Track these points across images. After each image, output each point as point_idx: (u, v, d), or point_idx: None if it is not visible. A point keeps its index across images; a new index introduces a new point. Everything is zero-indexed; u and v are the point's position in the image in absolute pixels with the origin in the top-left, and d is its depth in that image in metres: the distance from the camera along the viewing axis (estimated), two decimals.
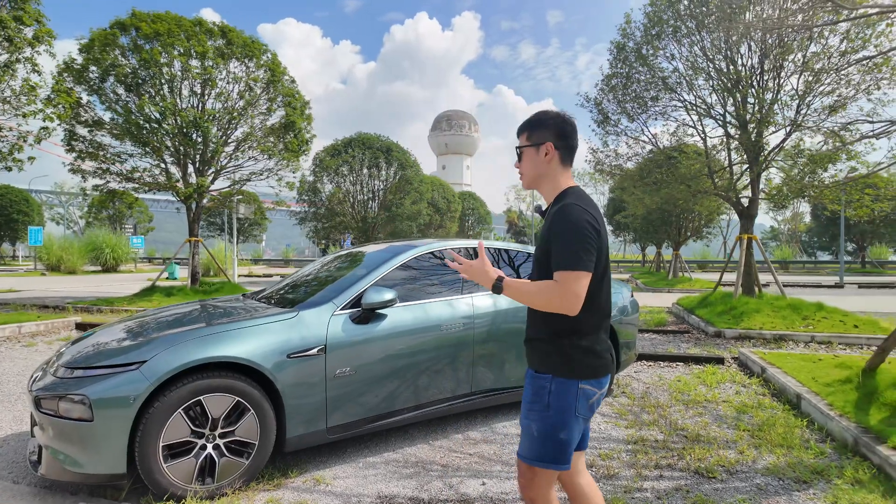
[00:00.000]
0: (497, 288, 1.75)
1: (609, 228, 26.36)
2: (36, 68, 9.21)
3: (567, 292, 1.63)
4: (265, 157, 13.19)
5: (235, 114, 12.26)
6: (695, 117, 10.13)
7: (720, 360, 6.23)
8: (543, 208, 1.92)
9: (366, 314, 3.36)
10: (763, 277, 11.55)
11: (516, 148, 1.94)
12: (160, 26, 11.07)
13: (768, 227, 52.26)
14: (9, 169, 9.59)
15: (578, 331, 1.74)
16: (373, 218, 21.29)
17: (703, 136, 10.31)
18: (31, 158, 9.71)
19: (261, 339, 2.99)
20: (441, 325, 3.65)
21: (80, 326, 8.64)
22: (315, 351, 3.10)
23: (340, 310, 3.32)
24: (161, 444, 2.65)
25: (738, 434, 3.81)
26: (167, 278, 20.60)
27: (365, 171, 21.02)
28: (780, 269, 33.04)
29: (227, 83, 12.23)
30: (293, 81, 13.23)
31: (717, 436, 3.77)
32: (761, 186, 9.67)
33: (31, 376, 3.06)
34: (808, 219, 42.67)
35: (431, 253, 4.03)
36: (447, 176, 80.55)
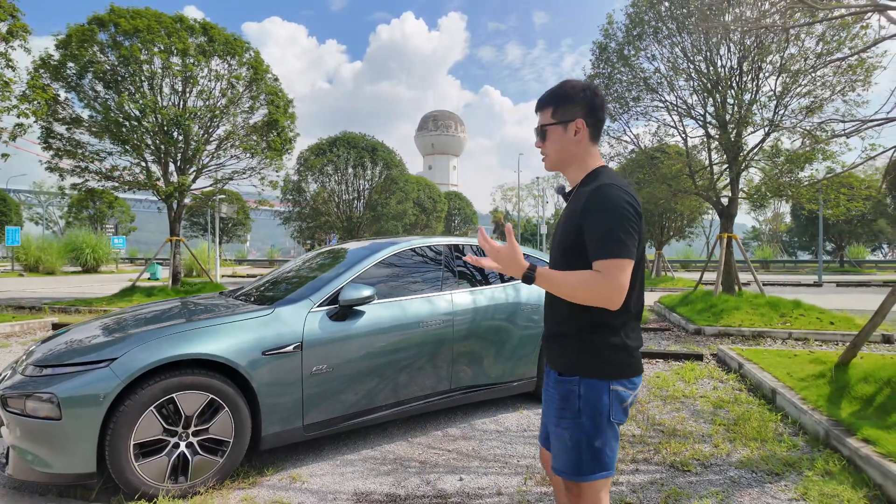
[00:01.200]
0: (528, 278, 1.51)
1: None
2: (10, 64, 9.03)
3: (613, 284, 1.44)
4: (248, 155, 13.09)
5: (217, 111, 12.13)
6: (676, 118, 10.24)
7: (699, 357, 6.31)
8: (567, 189, 1.73)
9: (343, 311, 3.34)
10: (744, 276, 11.72)
11: (538, 127, 1.71)
12: (140, 22, 10.92)
13: (750, 227, 53.06)
14: None
15: (609, 325, 1.57)
16: (358, 217, 21.19)
17: (683, 136, 10.44)
18: (4, 155, 9.53)
19: (235, 336, 2.95)
20: (420, 322, 3.64)
21: (57, 327, 8.48)
22: (291, 348, 3.08)
23: (317, 307, 3.30)
24: (132, 443, 2.61)
25: (713, 428, 3.86)
26: (149, 279, 20.31)
27: (350, 170, 20.90)
28: (762, 268, 33.57)
29: (209, 81, 12.11)
30: (276, 79, 13.13)
31: (694, 430, 3.82)
32: (741, 186, 9.82)
33: (0, 375, 3.00)
34: (788, 219, 43.40)
35: (412, 249, 4.03)
36: (434, 176, 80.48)
